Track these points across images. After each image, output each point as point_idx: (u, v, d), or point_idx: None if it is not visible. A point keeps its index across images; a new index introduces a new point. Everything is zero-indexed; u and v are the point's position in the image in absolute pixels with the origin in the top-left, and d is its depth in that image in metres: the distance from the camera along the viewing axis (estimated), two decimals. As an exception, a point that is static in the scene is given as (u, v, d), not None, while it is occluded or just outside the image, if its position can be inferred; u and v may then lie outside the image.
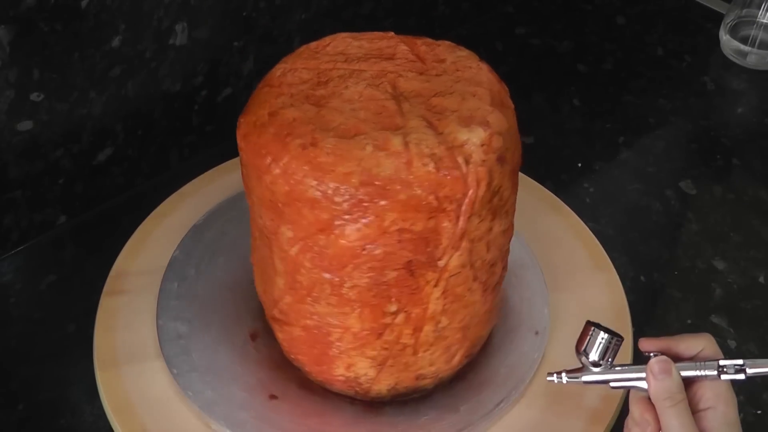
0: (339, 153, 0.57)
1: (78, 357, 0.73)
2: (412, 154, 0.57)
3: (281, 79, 0.64)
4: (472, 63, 0.65)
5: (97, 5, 0.75)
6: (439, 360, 0.66)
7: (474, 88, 0.62)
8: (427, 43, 0.67)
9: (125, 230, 0.81)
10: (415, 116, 0.60)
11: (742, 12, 1.08)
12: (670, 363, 0.57)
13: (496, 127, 0.59)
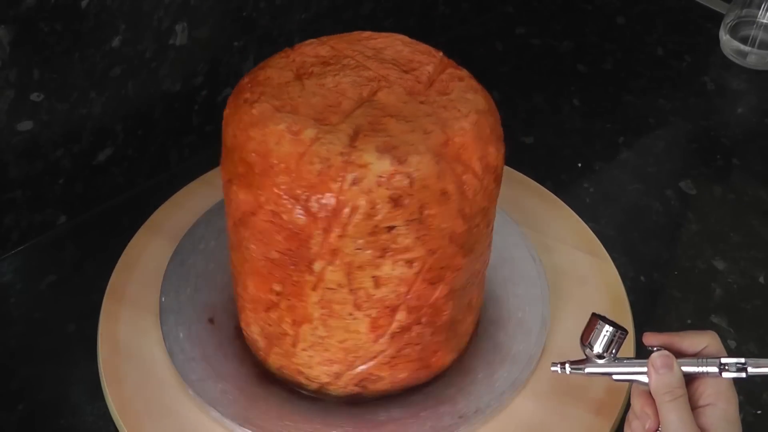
0: (259, 119, 0.60)
1: (78, 357, 0.73)
2: (311, 149, 0.57)
3: (303, 48, 0.67)
4: (465, 108, 0.62)
5: (97, 5, 0.75)
6: (320, 369, 0.66)
7: (434, 127, 0.60)
8: (453, 74, 0.66)
9: (125, 230, 0.81)
10: (353, 123, 0.60)
11: (742, 12, 1.08)
12: (672, 358, 0.58)
13: (411, 168, 0.57)
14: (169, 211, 0.83)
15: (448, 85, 0.65)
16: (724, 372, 0.57)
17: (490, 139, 0.62)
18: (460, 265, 0.63)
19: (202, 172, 0.86)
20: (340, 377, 0.66)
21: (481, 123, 0.62)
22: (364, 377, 0.66)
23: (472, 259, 0.64)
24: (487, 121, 0.63)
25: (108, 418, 0.69)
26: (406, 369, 0.67)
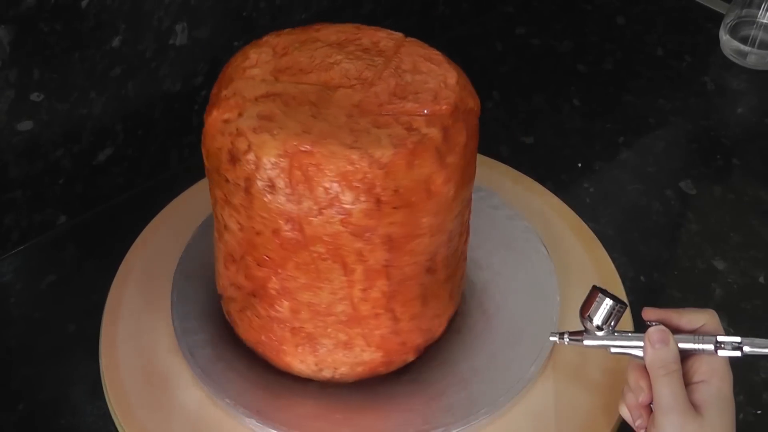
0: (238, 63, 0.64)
1: (78, 357, 0.73)
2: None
3: (317, 28, 0.68)
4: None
5: (97, 5, 0.75)
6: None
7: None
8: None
9: (125, 230, 0.81)
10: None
11: (742, 12, 1.08)
12: (668, 333, 0.58)
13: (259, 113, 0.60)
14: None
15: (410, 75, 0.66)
16: (719, 350, 0.58)
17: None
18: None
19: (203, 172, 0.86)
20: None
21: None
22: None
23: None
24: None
25: (108, 418, 0.69)
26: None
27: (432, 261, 0.64)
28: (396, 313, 0.65)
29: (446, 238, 0.64)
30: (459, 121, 0.61)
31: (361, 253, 0.60)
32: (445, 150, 0.59)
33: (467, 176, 0.64)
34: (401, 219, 0.59)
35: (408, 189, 0.58)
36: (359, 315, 0.64)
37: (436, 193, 0.60)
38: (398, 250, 0.61)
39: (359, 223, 0.58)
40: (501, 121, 0.99)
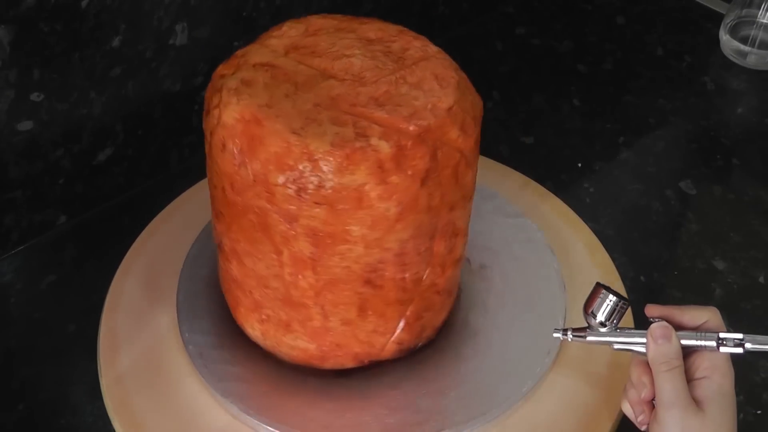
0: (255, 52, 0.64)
1: (78, 357, 0.73)
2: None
3: (364, 21, 0.70)
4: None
5: (97, 5, 0.75)
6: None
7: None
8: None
9: (125, 230, 0.81)
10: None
11: (742, 12, 1.08)
12: (671, 329, 0.59)
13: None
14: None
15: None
16: (721, 347, 0.58)
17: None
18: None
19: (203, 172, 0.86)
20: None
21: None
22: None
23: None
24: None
25: (108, 418, 0.69)
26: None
27: (374, 275, 0.63)
28: (326, 311, 0.65)
29: (393, 258, 0.62)
30: (423, 146, 0.59)
31: (286, 236, 0.61)
32: (392, 168, 0.58)
33: (427, 205, 0.61)
34: (323, 217, 0.59)
35: (333, 190, 0.58)
36: (291, 298, 0.64)
37: (369, 206, 0.59)
38: (324, 248, 0.61)
39: (281, 206, 0.59)
40: (501, 121, 0.99)
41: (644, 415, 0.59)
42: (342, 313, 0.65)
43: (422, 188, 0.60)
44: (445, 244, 0.65)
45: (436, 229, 0.64)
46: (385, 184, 0.58)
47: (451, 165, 0.61)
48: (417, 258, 0.64)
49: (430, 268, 0.66)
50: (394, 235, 0.61)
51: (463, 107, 0.62)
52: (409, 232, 0.61)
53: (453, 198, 0.63)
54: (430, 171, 0.60)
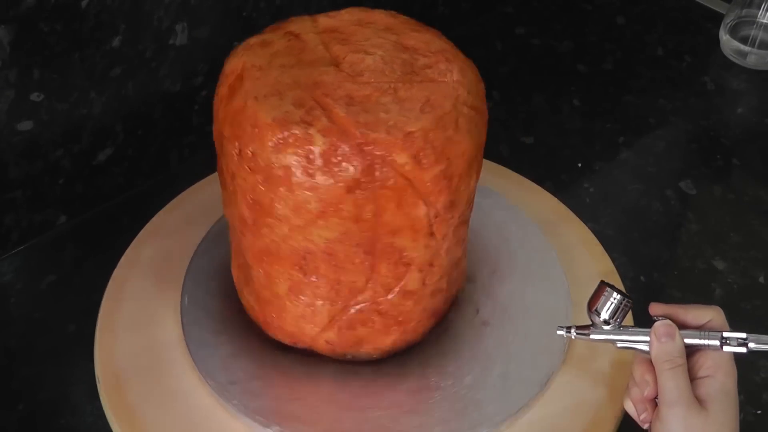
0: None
1: (78, 357, 0.73)
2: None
3: (417, 29, 0.70)
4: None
5: (97, 5, 0.75)
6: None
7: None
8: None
9: (125, 230, 0.81)
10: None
11: (742, 12, 1.08)
12: (674, 328, 0.59)
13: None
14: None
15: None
16: (725, 346, 0.58)
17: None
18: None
19: (202, 172, 0.86)
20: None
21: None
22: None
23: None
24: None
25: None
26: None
27: (304, 262, 0.63)
28: (264, 278, 0.67)
29: (322, 254, 0.62)
30: (360, 156, 0.58)
31: (233, 191, 0.64)
32: (319, 163, 0.58)
33: (355, 214, 0.60)
34: (253, 183, 0.61)
35: (264, 162, 0.59)
36: (243, 256, 0.68)
37: (291, 190, 0.59)
38: (256, 215, 0.63)
39: (227, 159, 0.63)
40: (501, 121, 0.99)
41: (646, 413, 0.59)
42: (275, 286, 0.66)
43: (348, 195, 0.59)
44: (390, 268, 0.64)
45: (374, 247, 0.62)
46: (308, 175, 0.59)
47: (392, 188, 0.59)
48: (352, 266, 0.63)
49: (372, 285, 0.65)
50: (318, 231, 0.61)
51: (431, 139, 0.59)
52: (335, 234, 0.61)
53: (395, 223, 0.61)
54: (361, 183, 0.59)
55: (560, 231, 0.83)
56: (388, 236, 0.62)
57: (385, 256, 0.63)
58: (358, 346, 0.69)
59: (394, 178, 0.59)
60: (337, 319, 0.67)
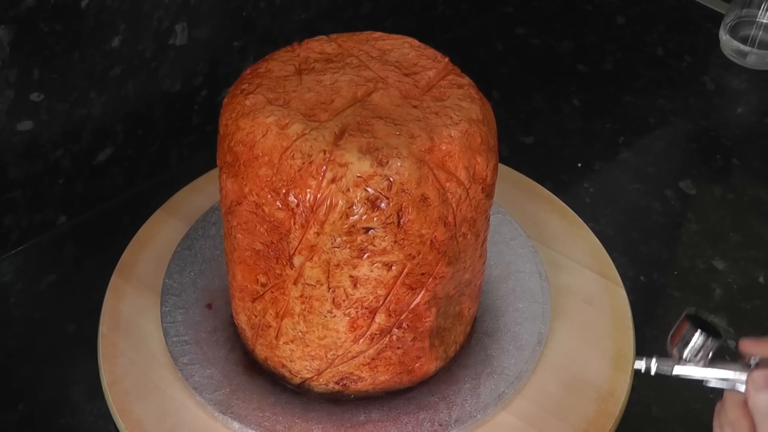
0: (251, 110, 0.61)
1: (78, 357, 0.73)
2: (295, 144, 0.58)
3: (310, 44, 0.68)
4: (457, 116, 0.62)
5: (97, 5, 0.75)
6: (300, 363, 0.66)
7: (421, 132, 0.60)
8: (453, 81, 0.65)
9: (125, 230, 0.81)
10: (341, 122, 0.60)
11: (742, 12, 1.08)
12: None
13: (390, 172, 0.57)
14: (189, 195, 0.84)
15: (445, 91, 0.64)
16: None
17: (479, 150, 0.61)
18: (443, 273, 0.62)
19: (202, 172, 0.86)
20: (321, 374, 0.66)
21: (471, 132, 0.61)
22: (344, 376, 0.66)
23: (458, 269, 0.64)
24: (478, 130, 0.62)
25: (108, 418, 0.69)
26: (387, 372, 0.67)
27: (263, 278, 0.64)
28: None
29: (275, 269, 0.62)
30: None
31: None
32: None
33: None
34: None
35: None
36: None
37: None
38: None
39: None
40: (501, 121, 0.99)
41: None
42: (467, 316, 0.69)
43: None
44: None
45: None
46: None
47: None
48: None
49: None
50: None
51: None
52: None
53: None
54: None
55: (559, 230, 0.83)
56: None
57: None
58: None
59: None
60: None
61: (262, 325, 0.66)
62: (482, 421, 0.67)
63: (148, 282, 0.76)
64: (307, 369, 0.67)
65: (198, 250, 0.78)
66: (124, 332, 0.73)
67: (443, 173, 0.59)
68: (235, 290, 0.68)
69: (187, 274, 0.76)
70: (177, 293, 0.74)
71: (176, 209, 0.83)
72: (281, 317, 0.64)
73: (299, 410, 0.67)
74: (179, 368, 0.69)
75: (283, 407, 0.67)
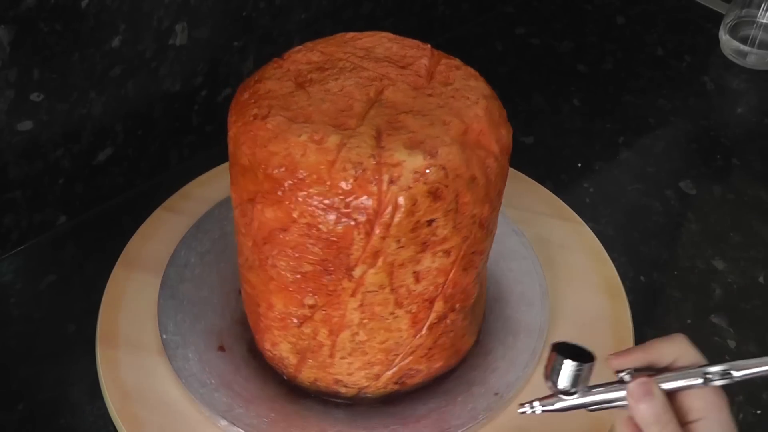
0: (277, 132, 0.59)
1: (78, 357, 0.73)
2: (339, 155, 0.57)
3: (292, 55, 0.66)
4: (473, 95, 0.63)
5: (97, 5, 0.75)
6: (359, 373, 0.66)
7: (451, 117, 0.60)
8: (449, 65, 0.66)
9: (125, 230, 0.81)
10: (371, 124, 0.60)
11: (741, 12, 1.08)
12: (651, 383, 0.53)
13: (442, 160, 0.57)
14: (142, 243, 0.79)
15: (448, 75, 0.65)
16: (709, 382, 0.53)
17: (500, 122, 0.63)
18: (486, 248, 0.65)
19: (202, 171, 0.86)
20: (379, 378, 0.66)
21: (490, 108, 0.63)
22: (404, 373, 0.67)
23: (491, 240, 0.66)
24: (495, 104, 0.64)
25: (108, 418, 0.69)
26: (441, 358, 0.68)
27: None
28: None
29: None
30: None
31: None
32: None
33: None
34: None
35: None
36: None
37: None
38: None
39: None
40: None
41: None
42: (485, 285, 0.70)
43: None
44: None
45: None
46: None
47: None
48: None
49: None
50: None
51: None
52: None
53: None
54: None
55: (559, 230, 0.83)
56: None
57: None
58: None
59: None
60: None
61: (312, 347, 0.65)
62: (526, 376, 0.70)
63: (142, 344, 0.72)
64: (366, 377, 0.66)
65: (182, 297, 0.74)
66: (140, 403, 0.68)
67: (482, 151, 0.61)
68: (272, 320, 0.65)
69: (181, 323, 0.72)
70: (181, 345, 0.70)
71: (135, 261, 0.78)
72: (336, 333, 0.63)
73: (360, 420, 0.67)
74: (222, 417, 0.65)
75: (343, 422, 0.66)
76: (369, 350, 0.64)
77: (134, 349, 0.71)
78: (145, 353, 0.71)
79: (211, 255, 0.77)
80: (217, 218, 0.80)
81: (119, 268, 0.77)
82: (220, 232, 0.79)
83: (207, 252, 0.77)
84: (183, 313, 0.73)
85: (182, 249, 0.78)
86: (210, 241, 0.78)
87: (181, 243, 0.78)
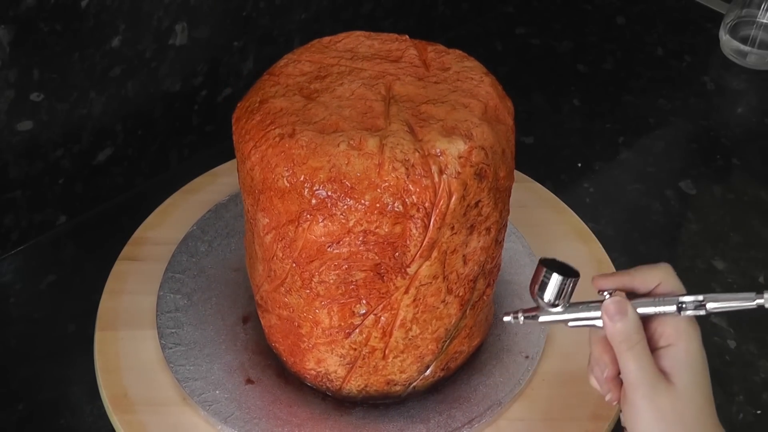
0: (313, 147, 0.58)
1: (78, 357, 0.73)
2: (384, 157, 0.57)
3: (282, 69, 0.65)
4: (476, 75, 0.65)
5: (97, 5, 0.75)
6: (411, 368, 0.66)
7: (468, 99, 0.62)
8: (437, 50, 0.67)
9: (125, 230, 0.81)
10: (399, 120, 0.60)
11: (742, 12, 1.08)
12: (626, 303, 0.54)
13: (479, 140, 0.59)
14: (116, 301, 0.75)
15: (442, 60, 0.66)
16: (682, 311, 0.54)
17: (503, 94, 0.65)
18: (507, 219, 0.66)
19: (202, 171, 0.86)
20: (428, 368, 0.67)
21: (494, 83, 0.65)
22: (449, 358, 0.68)
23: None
24: (494, 79, 0.65)
25: (108, 418, 0.69)
26: (479, 334, 0.70)
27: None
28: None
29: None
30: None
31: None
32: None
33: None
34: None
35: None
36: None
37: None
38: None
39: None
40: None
41: (612, 393, 0.55)
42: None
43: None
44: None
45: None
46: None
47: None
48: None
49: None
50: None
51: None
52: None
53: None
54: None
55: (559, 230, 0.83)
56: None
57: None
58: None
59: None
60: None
61: (364, 354, 0.64)
62: (547, 334, 0.72)
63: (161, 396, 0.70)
64: (417, 370, 0.66)
65: (187, 343, 0.71)
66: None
67: (502, 126, 0.63)
68: (318, 338, 0.64)
69: (197, 367, 0.69)
70: (205, 389, 0.68)
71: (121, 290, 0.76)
72: (390, 333, 0.63)
73: (416, 415, 0.67)
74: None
75: (398, 420, 0.67)
76: (421, 343, 0.64)
77: (159, 407, 0.68)
78: (174, 407, 0.68)
79: (198, 294, 0.75)
80: (185, 255, 0.77)
81: (100, 331, 0.73)
82: (197, 269, 0.76)
83: (193, 292, 0.75)
84: (194, 357, 0.70)
85: (165, 296, 0.74)
86: (191, 280, 0.76)
87: (161, 291, 0.75)
